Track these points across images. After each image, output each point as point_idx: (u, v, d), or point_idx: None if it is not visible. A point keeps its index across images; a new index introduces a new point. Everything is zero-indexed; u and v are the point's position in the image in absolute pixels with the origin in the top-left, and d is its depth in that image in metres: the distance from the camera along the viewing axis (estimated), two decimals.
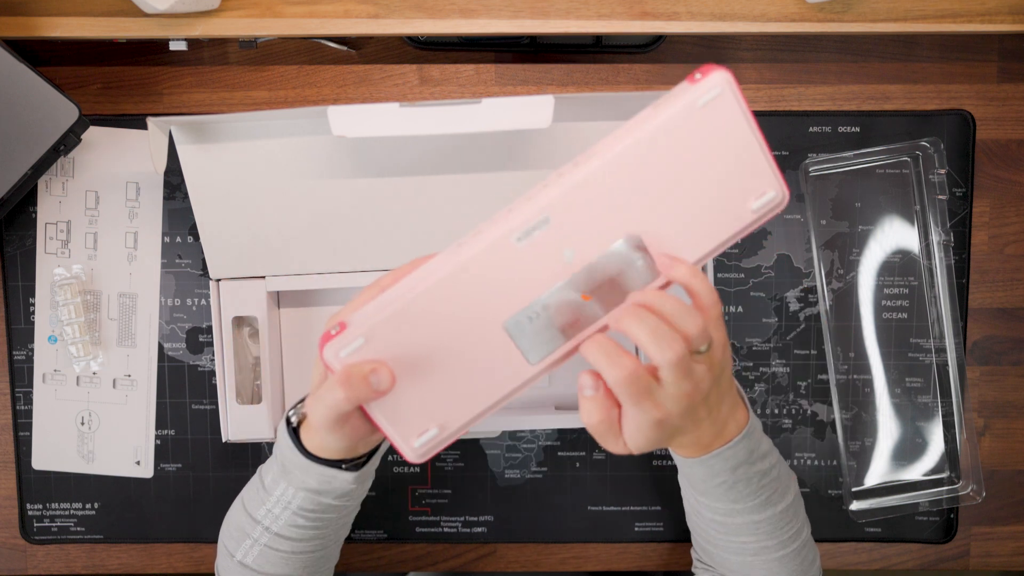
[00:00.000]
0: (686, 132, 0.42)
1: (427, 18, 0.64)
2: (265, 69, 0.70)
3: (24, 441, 0.71)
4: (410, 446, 0.45)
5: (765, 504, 0.54)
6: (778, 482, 0.55)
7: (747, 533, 0.55)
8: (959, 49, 0.71)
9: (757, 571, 0.56)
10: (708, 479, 0.52)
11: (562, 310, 0.44)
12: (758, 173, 0.44)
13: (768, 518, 0.54)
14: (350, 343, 0.43)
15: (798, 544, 0.57)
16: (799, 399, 0.72)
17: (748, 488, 0.53)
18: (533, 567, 0.74)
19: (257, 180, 0.63)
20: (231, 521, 0.57)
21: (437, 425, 0.45)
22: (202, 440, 0.71)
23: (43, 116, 0.62)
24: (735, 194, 0.44)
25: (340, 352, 0.43)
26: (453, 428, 0.46)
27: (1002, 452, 0.73)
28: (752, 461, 0.52)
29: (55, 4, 0.64)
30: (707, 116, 0.42)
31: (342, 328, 0.43)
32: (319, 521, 0.54)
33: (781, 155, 0.70)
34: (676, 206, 0.43)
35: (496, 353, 0.44)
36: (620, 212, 0.43)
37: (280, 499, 0.53)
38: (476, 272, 0.43)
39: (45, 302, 0.70)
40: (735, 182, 0.44)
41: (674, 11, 0.64)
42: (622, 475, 0.72)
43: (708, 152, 0.43)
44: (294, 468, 0.52)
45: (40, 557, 0.73)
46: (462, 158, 0.62)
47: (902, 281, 0.71)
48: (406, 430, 0.45)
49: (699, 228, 0.44)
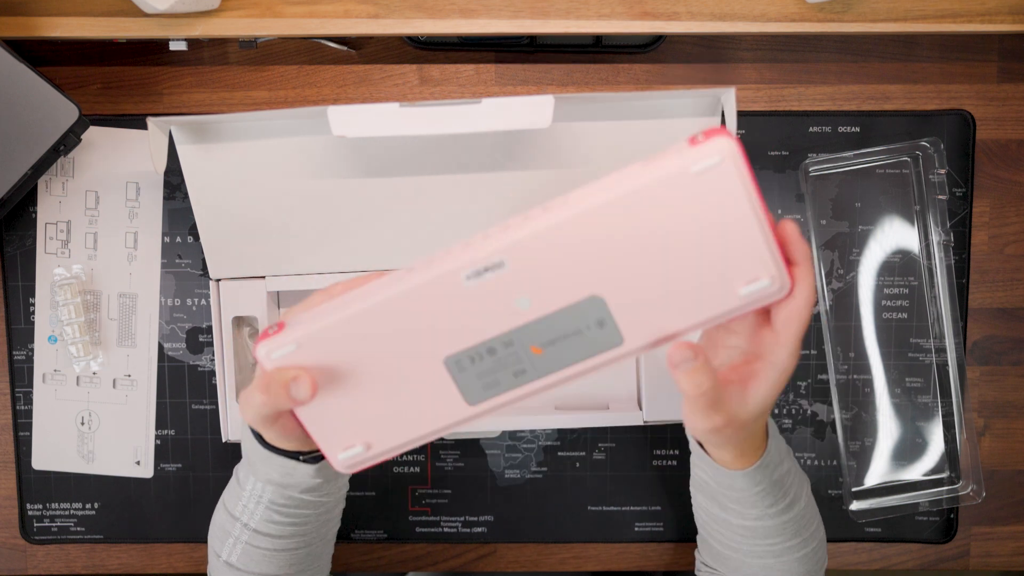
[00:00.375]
0: (674, 198, 0.38)
1: (427, 18, 0.64)
2: (265, 69, 0.70)
3: (24, 441, 0.71)
4: (335, 457, 0.45)
5: (793, 503, 0.54)
6: (797, 476, 0.56)
7: (776, 535, 0.55)
8: (959, 49, 0.71)
9: (775, 573, 0.56)
10: (748, 488, 0.52)
11: (509, 358, 0.42)
12: (754, 256, 0.40)
13: (794, 516, 0.55)
14: (283, 346, 0.42)
15: (817, 542, 0.57)
16: (799, 399, 0.72)
17: (780, 490, 0.53)
18: (533, 567, 0.74)
19: (257, 180, 0.63)
20: (215, 521, 0.57)
21: (364, 443, 0.44)
22: (202, 440, 0.71)
23: (43, 116, 0.62)
24: (723, 275, 0.40)
25: (272, 353, 0.42)
26: (379, 450, 0.44)
27: (1002, 452, 0.73)
28: (780, 461, 0.53)
29: (55, 4, 0.64)
30: (702, 184, 0.38)
31: (279, 328, 0.42)
32: (295, 516, 0.54)
33: (781, 155, 0.70)
34: (651, 274, 0.40)
35: (433, 387, 0.42)
36: (587, 269, 0.40)
37: (252, 493, 0.53)
38: (418, 302, 0.40)
39: (45, 302, 0.70)
40: (724, 262, 0.40)
41: (674, 11, 0.64)
42: (622, 475, 0.72)
43: (697, 224, 0.39)
44: (256, 460, 0.52)
45: (40, 557, 0.73)
46: (462, 158, 0.63)
47: (902, 281, 0.71)
48: (332, 440, 0.44)
49: (674, 303, 0.41)
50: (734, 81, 0.70)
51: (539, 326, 0.41)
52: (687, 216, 0.39)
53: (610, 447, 0.72)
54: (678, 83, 0.70)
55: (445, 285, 0.40)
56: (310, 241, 0.65)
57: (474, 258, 0.39)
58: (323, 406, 0.43)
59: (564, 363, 0.42)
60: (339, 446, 0.44)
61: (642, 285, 0.40)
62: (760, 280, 0.40)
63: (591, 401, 0.70)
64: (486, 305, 0.40)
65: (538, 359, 0.42)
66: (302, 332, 0.42)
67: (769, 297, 0.41)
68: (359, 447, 0.44)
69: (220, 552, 0.55)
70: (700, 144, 0.38)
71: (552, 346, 0.41)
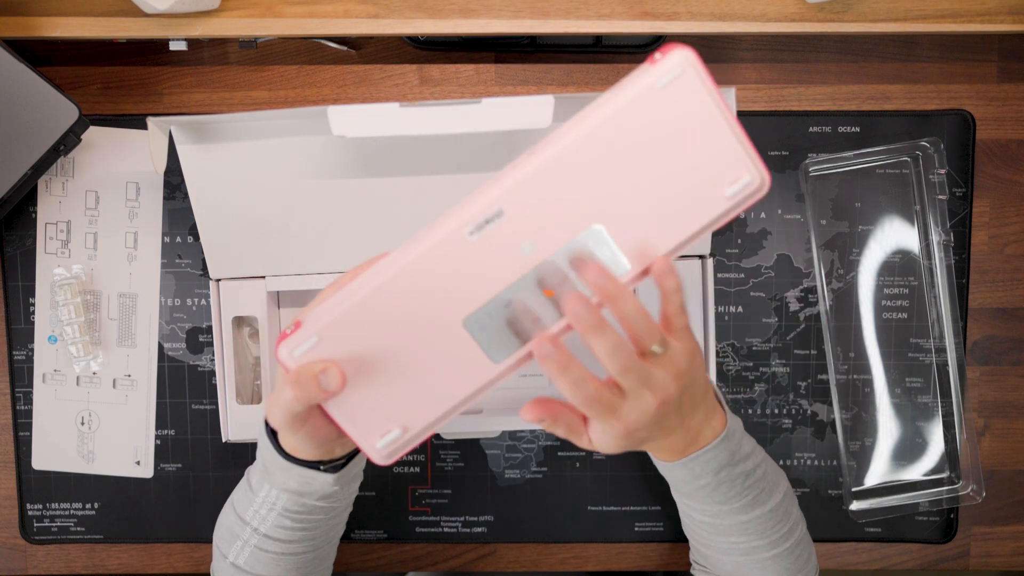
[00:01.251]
0: (647, 116, 0.40)
1: (427, 18, 0.64)
2: (265, 69, 0.70)
3: (24, 441, 0.71)
4: (373, 447, 0.44)
5: (752, 504, 0.54)
6: (764, 481, 0.55)
7: (736, 533, 0.55)
8: (959, 49, 0.71)
9: (751, 570, 0.56)
10: (690, 481, 0.52)
11: (524, 307, 0.42)
12: (731, 157, 0.41)
13: (756, 518, 0.54)
14: (304, 342, 0.42)
15: (791, 543, 0.56)
16: (799, 399, 0.72)
17: (733, 489, 0.53)
18: (533, 567, 0.74)
19: (257, 180, 0.63)
20: (222, 523, 0.57)
21: (400, 426, 0.44)
22: (202, 440, 0.71)
23: (43, 116, 0.62)
24: (707, 181, 0.41)
25: (294, 351, 0.42)
26: (417, 429, 0.44)
27: (1002, 452, 0.73)
28: (735, 463, 0.52)
29: (55, 4, 0.64)
30: (669, 98, 0.40)
31: (297, 327, 0.42)
32: (306, 522, 0.54)
33: (781, 155, 0.70)
34: (641, 194, 0.41)
35: (457, 352, 0.43)
36: (580, 202, 0.41)
37: (265, 500, 0.53)
38: (428, 269, 0.41)
39: (45, 302, 0.70)
40: (706, 168, 0.41)
41: (674, 11, 0.64)
42: (622, 475, 0.72)
43: (673, 137, 0.40)
44: (274, 469, 0.52)
45: (40, 557, 0.73)
46: (462, 158, 0.62)
47: (902, 281, 0.71)
48: (367, 431, 0.44)
49: (668, 217, 0.42)
50: (734, 81, 0.70)
51: (546, 268, 0.41)
52: (662, 131, 0.40)
53: None
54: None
55: (451, 245, 0.41)
56: (310, 241, 0.65)
57: (473, 212, 0.40)
58: (352, 396, 0.43)
59: None
60: (375, 435, 0.44)
61: (634, 207, 0.41)
62: (742, 178, 0.42)
63: None
64: (493, 257, 0.41)
65: (551, 302, 0.42)
66: (322, 324, 0.42)
67: (753, 194, 0.42)
68: (396, 431, 0.44)
69: (227, 554, 0.55)
70: (659, 62, 0.40)
71: (563, 285, 0.42)
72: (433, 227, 0.41)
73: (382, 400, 0.43)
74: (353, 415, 0.44)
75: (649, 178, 0.41)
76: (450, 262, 0.41)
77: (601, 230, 0.41)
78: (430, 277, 0.41)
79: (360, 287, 0.41)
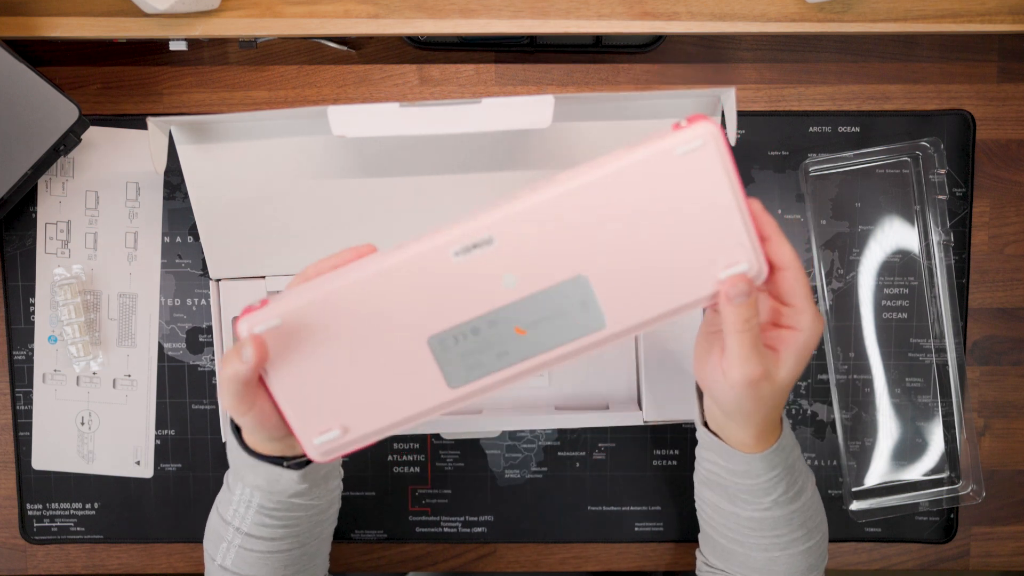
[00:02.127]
0: (657, 179, 0.39)
1: (427, 18, 0.64)
2: (265, 69, 0.70)
3: (24, 441, 0.71)
4: (310, 441, 0.44)
5: (800, 492, 0.55)
6: (805, 465, 0.56)
7: (783, 525, 0.55)
8: (959, 49, 0.71)
9: (780, 566, 0.56)
10: (762, 474, 0.52)
11: (493, 339, 0.41)
12: (734, 240, 0.41)
13: (801, 506, 0.55)
14: (264, 321, 0.42)
15: (820, 536, 0.57)
16: (799, 399, 0.72)
17: (791, 476, 0.54)
18: (533, 567, 0.74)
19: (257, 180, 0.63)
20: (210, 526, 0.57)
21: (340, 427, 0.43)
22: (202, 440, 0.71)
23: (43, 116, 0.62)
24: (702, 259, 0.41)
25: (254, 327, 0.42)
26: (358, 434, 0.44)
27: (1002, 452, 0.73)
28: (793, 447, 0.54)
29: (55, 4, 0.64)
30: (685, 167, 0.39)
31: (263, 304, 0.42)
32: (287, 519, 0.54)
33: (781, 155, 0.70)
34: (635, 255, 0.40)
35: (416, 368, 0.42)
36: (573, 247, 0.40)
37: (241, 498, 0.53)
38: (405, 278, 0.41)
39: (45, 302, 0.70)
40: (705, 245, 0.41)
41: (674, 11, 0.64)
42: (622, 475, 0.72)
43: (681, 206, 0.40)
44: (241, 466, 0.52)
45: (40, 557, 0.73)
46: (462, 158, 0.63)
47: (902, 281, 0.71)
48: (308, 424, 0.44)
49: (656, 285, 0.41)
50: (734, 81, 0.70)
51: (524, 305, 0.41)
52: (669, 197, 0.40)
53: (610, 447, 0.72)
54: (678, 83, 0.70)
55: (434, 260, 0.40)
56: (310, 241, 0.65)
57: (463, 233, 0.40)
58: (302, 387, 0.43)
59: (547, 345, 0.42)
60: (315, 430, 0.44)
61: (625, 265, 0.41)
62: (739, 264, 0.41)
63: (591, 401, 0.70)
64: (473, 282, 0.40)
65: (521, 340, 0.42)
66: (288, 308, 0.41)
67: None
68: (335, 431, 0.43)
69: (215, 556, 0.56)
70: (684, 128, 0.39)
71: (536, 327, 0.41)
72: (421, 239, 0.41)
73: (330, 397, 0.43)
74: (297, 403, 0.43)
75: (647, 240, 0.40)
76: (429, 277, 0.40)
77: (586, 280, 0.41)
78: (406, 287, 0.41)
79: (334, 280, 0.41)
